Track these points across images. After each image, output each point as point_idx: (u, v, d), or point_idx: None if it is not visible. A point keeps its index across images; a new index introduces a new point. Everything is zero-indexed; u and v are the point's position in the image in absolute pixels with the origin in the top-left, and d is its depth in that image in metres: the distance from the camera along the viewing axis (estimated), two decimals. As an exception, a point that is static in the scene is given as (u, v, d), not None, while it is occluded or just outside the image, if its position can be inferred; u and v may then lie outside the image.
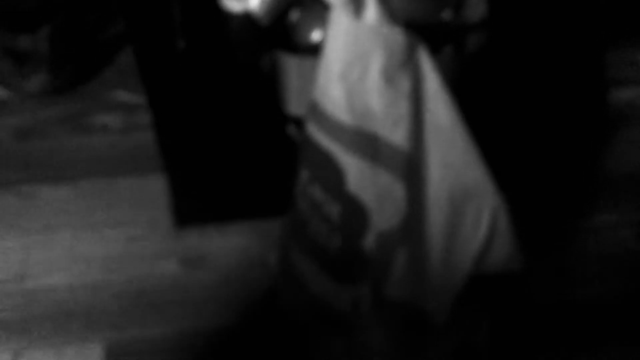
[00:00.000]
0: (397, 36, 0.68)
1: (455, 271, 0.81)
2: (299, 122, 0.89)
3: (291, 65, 0.93)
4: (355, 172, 0.75)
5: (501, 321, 0.88)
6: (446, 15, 0.90)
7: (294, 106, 0.96)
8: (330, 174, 0.77)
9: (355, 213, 0.77)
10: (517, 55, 1.01)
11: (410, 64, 0.70)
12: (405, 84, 0.70)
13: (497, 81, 1.00)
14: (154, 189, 1.10)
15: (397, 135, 0.72)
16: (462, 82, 0.94)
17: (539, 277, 0.96)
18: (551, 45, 1.02)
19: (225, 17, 0.93)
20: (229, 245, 1.06)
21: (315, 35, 0.89)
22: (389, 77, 0.70)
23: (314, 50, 0.79)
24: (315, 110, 0.76)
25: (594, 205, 1.09)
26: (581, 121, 1.10)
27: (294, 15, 0.92)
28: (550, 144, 1.09)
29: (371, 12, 0.67)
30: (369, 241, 0.78)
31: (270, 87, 0.97)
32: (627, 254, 1.00)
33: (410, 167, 0.74)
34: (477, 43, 0.94)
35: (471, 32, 0.93)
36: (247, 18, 0.92)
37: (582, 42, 1.05)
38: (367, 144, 0.73)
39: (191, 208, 1.08)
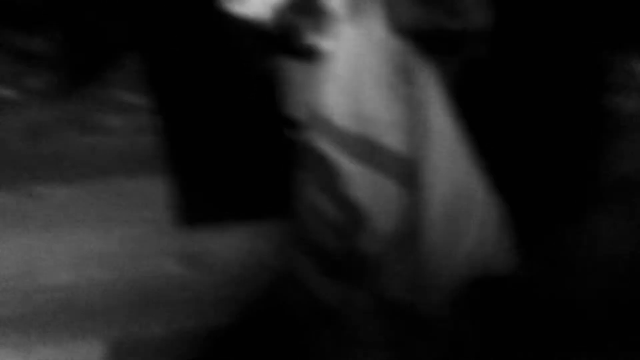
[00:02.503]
0: (397, 45, 0.70)
1: (450, 272, 0.82)
2: (299, 125, 0.90)
3: (293, 70, 0.94)
4: (353, 174, 0.76)
5: (494, 321, 0.89)
6: (450, 22, 0.91)
7: (296, 109, 0.97)
8: (328, 176, 0.78)
9: (352, 213, 0.78)
10: (519, 62, 1.02)
11: (410, 71, 0.71)
12: (404, 91, 0.71)
13: (499, 87, 1.01)
14: (158, 189, 1.11)
15: (395, 140, 0.73)
16: (466, 87, 0.96)
17: (533, 279, 0.97)
18: (553, 51, 1.03)
19: (229, 20, 0.94)
20: (230, 245, 1.07)
21: (317, 42, 0.90)
22: (389, 84, 0.71)
23: (316, 56, 0.80)
24: (315, 115, 0.77)
25: (588, 208, 1.10)
26: (579, 126, 1.11)
27: (296, 20, 0.93)
28: (548, 148, 1.09)
29: (373, 21, 0.69)
30: (366, 241, 0.80)
31: (272, 90, 0.98)
32: (621, 257, 1.01)
33: (408, 170, 0.75)
34: (480, 50, 0.95)
35: (474, 39, 0.94)
36: (250, 22, 0.93)
37: (583, 50, 1.06)
38: (364, 148, 0.74)
39: (193, 208, 1.10)
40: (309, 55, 0.80)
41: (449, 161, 0.75)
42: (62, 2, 1.30)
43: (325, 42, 0.75)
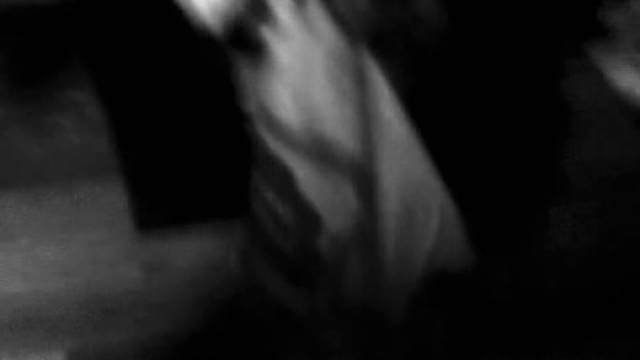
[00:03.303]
0: (345, 42, 0.68)
1: (409, 270, 0.81)
2: (252, 122, 0.89)
3: (244, 63, 0.93)
4: (305, 174, 0.75)
5: (457, 320, 0.88)
6: (395, 10, 0.89)
7: (250, 104, 0.95)
8: (281, 177, 0.77)
9: (307, 215, 0.77)
10: (472, 57, 1.01)
11: (354, 65, 0.70)
12: (349, 85, 0.70)
13: (451, 82, 1.00)
14: (114, 191, 1.09)
15: (344, 136, 0.72)
16: (419, 85, 0.94)
17: (494, 274, 0.96)
18: (504, 37, 1.02)
19: (181, 14, 0.92)
20: (190, 247, 1.05)
21: (264, 36, 0.88)
22: (334, 78, 0.69)
23: (264, 50, 0.78)
24: (263, 112, 0.76)
25: (547, 199, 1.09)
26: (533, 114, 1.10)
27: (245, 12, 0.91)
28: (502, 138, 1.08)
29: (313, 13, 0.67)
30: (323, 243, 0.78)
31: (228, 85, 0.96)
32: (583, 249, 1.01)
33: (360, 168, 0.74)
34: (429, 38, 0.94)
35: (422, 26, 0.93)
36: (199, 16, 0.92)
37: (534, 34, 1.05)
38: (315, 146, 0.73)
39: (151, 210, 1.08)
40: (258, 49, 0.77)
41: (403, 160, 0.74)
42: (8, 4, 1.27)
43: (272, 37, 0.73)
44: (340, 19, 0.70)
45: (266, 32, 0.74)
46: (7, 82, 1.28)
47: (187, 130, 1.02)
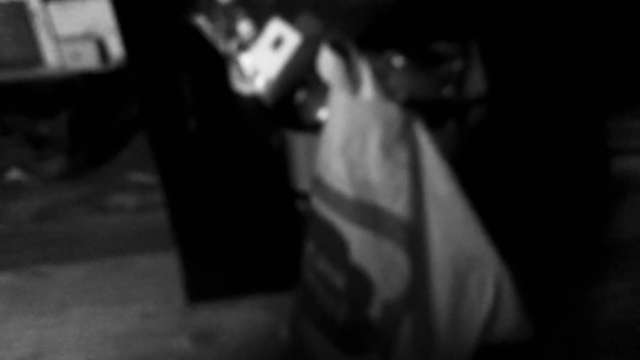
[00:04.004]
0: (393, 111, 0.71)
1: (462, 340, 0.81)
2: (307, 198, 0.91)
3: (299, 143, 0.96)
4: (358, 242, 0.76)
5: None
6: (447, 91, 0.93)
7: (303, 182, 0.98)
8: (334, 245, 0.79)
9: (359, 283, 0.78)
10: (519, 127, 1.03)
11: (407, 137, 0.72)
12: (403, 156, 0.72)
13: (500, 152, 1.02)
14: (167, 265, 1.12)
15: (397, 205, 0.74)
16: (465, 154, 0.97)
17: (548, 347, 0.95)
18: (552, 115, 1.05)
19: (236, 97, 0.97)
20: (240, 320, 1.07)
21: (321, 114, 0.93)
22: (387, 150, 0.72)
23: (321, 128, 0.82)
24: (319, 184, 0.78)
25: (601, 273, 1.09)
26: (585, 190, 1.11)
27: (301, 95, 0.95)
28: (555, 213, 1.09)
29: (367, 89, 0.71)
30: (375, 310, 0.79)
31: (279, 164, 1.00)
32: (636, 322, 1.00)
33: (412, 236, 0.75)
34: (478, 116, 0.97)
35: (472, 106, 0.96)
36: (256, 99, 0.96)
37: (583, 112, 1.07)
38: (369, 215, 0.75)
39: (203, 284, 1.10)
40: (313, 127, 0.81)
41: (456, 230, 0.75)
42: (71, 88, 1.34)
43: (329, 114, 0.76)
44: (385, 90, 0.73)
45: (320, 112, 0.78)
46: (73, 166, 1.35)
47: (238, 206, 1.05)
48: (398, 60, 0.91)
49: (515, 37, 0.97)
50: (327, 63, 0.70)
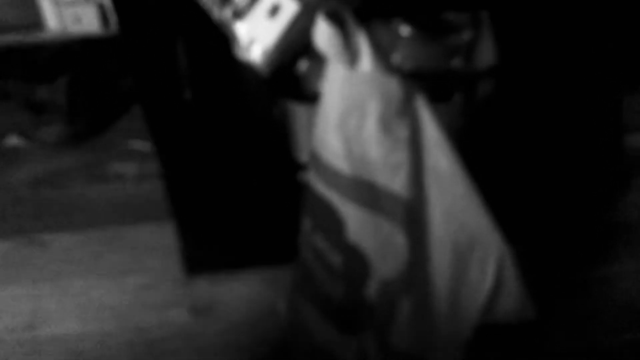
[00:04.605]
0: (393, 85, 0.68)
1: (462, 321, 0.79)
2: (305, 169, 0.89)
3: (300, 114, 0.94)
4: (355, 221, 0.74)
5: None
6: (456, 63, 0.90)
7: (304, 153, 0.96)
8: (330, 223, 0.77)
9: (356, 262, 0.76)
10: (529, 101, 1.00)
11: (407, 112, 0.69)
12: (403, 132, 0.70)
13: (508, 127, 0.99)
14: (167, 236, 1.10)
15: (396, 183, 0.71)
16: (472, 128, 0.94)
17: (552, 327, 0.94)
18: (564, 91, 1.01)
19: (236, 66, 0.94)
20: (238, 292, 1.06)
21: (317, 83, 0.90)
22: (386, 126, 0.69)
23: (317, 98, 0.79)
24: (315, 159, 0.76)
25: (610, 252, 1.07)
26: (595, 168, 1.08)
27: (303, 65, 0.92)
28: (563, 191, 1.07)
29: (366, 61, 0.67)
30: (372, 290, 0.78)
31: (281, 134, 0.98)
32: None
33: (411, 215, 0.73)
34: (487, 89, 0.94)
35: (481, 79, 0.93)
36: (255, 68, 0.93)
37: (597, 87, 1.04)
38: (366, 193, 0.73)
39: (201, 256, 1.09)
40: (315, 98, 0.79)
41: (457, 209, 0.73)
42: (71, 53, 1.32)
43: (326, 86, 0.73)
44: (398, 70, 0.70)
45: (319, 82, 0.75)
46: (72, 133, 1.33)
47: (238, 178, 1.03)
48: (405, 30, 0.88)
49: (528, 6, 0.93)
50: (323, 34, 0.67)
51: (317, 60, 0.90)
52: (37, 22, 1.33)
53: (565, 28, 0.96)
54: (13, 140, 1.34)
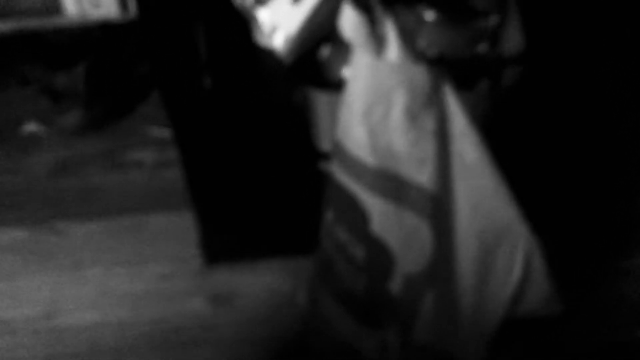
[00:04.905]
0: (420, 74, 0.66)
1: (488, 315, 0.78)
2: (329, 159, 0.88)
3: (322, 102, 0.92)
4: (380, 213, 0.72)
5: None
6: (481, 48, 0.88)
7: (326, 142, 0.94)
8: (354, 215, 0.75)
9: (380, 255, 0.75)
10: (556, 88, 0.98)
11: (434, 102, 0.67)
12: (429, 123, 0.68)
13: (535, 116, 0.97)
14: (186, 225, 1.09)
15: (422, 175, 0.70)
16: (499, 116, 0.92)
17: (579, 320, 0.92)
18: (591, 79, 0.99)
19: (257, 53, 0.93)
20: (258, 283, 1.04)
21: (347, 72, 0.88)
22: (412, 116, 0.67)
23: (345, 87, 0.77)
24: (339, 150, 0.74)
25: (634, 246, 1.04)
26: (619, 159, 1.06)
27: (325, 51, 0.91)
28: (589, 183, 1.05)
29: (393, 50, 0.65)
30: (396, 284, 0.76)
31: (302, 122, 0.96)
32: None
33: (437, 208, 0.71)
34: (514, 77, 0.92)
35: (507, 65, 0.91)
36: (277, 54, 0.92)
37: (624, 75, 1.02)
38: (391, 185, 0.71)
39: (221, 245, 1.07)
40: (337, 85, 0.77)
41: (484, 201, 0.71)
42: (90, 39, 1.30)
43: (351, 75, 0.71)
44: (424, 57, 0.68)
45: (345, 69, 0.74)
46: (90, 119, 1.32)
47: (259, 167, 1.02)
48: (430, 15, 0.86)
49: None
50: (349, 21, 0.65)
51: (340, 46, 0.88)
52: (55, 6, 1.31)
53: (592, 13, 0.93)
54: (31, 127, 1.33)
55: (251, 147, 1.00)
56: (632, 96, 1.04)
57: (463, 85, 0.85)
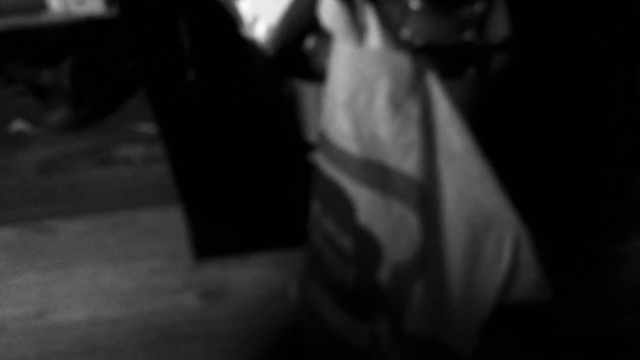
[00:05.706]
0: (402, 62, 0.65)
1: (478, 303, 0.77)
2: (315, 151, 0.87)
3: (308, 93, 0.92)
4: (366, 203, 0.72)
5: (532, 354, 0.84)
6: (468, 36, 0.87)
7: (314, 133, 0.94)
8: (340, 205, 0.74)
9: (367, 245, 0.74)
10: (545, 76, 0.97)
11: (418, 89, 0.67)
12: (414, 111, 0.67)
13: (523, 102, 0.97)
14: (175, 220, 1.09)
15: (407, 164, 0.69)
16: (487, 103, 0.91)
17: (570, 307, 0.92)
18: (579, 64, 0.98)
19: (242, 44, 0.92)
20: (249, 277, 1.04)
21: (325, 61, 0.87)
22: (396, 104, 0.67)
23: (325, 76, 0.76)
24: (323, 140, 0.74)
25: (625, 231, 1.04)
26: (610, 144, 1.05)
27: (310, 42, 0.90)
28: (579, 168, 1.04)
29: (374, 38, 0.65)
30: (384, 274, 0.75)
31: (289, 114, 0.95)
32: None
33: (424, 196, 0.70)
34: (501, 63, 0.91)
35: (494, 52, 0.90)
36: (261, 46, 0.91)
37: (614, 62, 1.01)
38: (377, 174, 0.70)
39: (211, 240, 1.07)
40: (324, 76, 0.76)
41: (471, 189, 0.70)
42: (75, 36, 1.30)
43: (334, 65, 0.71)
44: (408, 45, 0.68)
45: (328, 60, 0.73)
46: (77, 116, 1.31)
47: (247, 160, 1.01)
48: (415, 3, 0.85)
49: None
50: (329, 9, 0.64)
51: (325, 37, 0.87)
52: (40, 3, 1.30)
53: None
54: (18, 125, 1.32)
55: (239, 140, 1.00)
56: (622, 81, 1.03)
57: (450, 73, 0.84)
